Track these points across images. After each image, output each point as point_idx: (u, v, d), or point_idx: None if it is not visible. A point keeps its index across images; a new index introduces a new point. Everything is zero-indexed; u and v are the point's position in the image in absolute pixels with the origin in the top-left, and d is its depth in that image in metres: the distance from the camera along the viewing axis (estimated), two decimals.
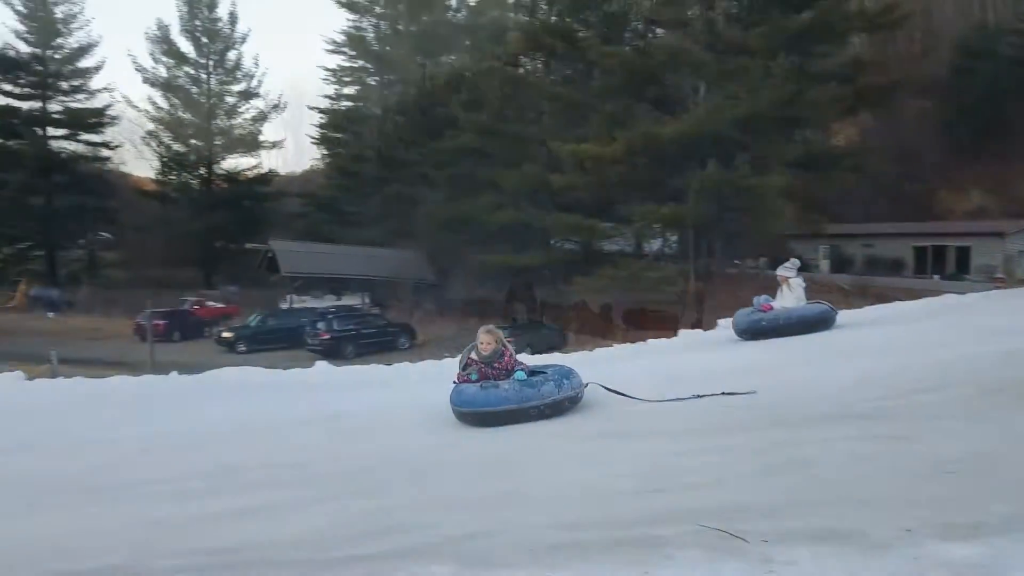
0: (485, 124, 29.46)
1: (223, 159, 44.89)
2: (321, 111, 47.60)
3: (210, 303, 34.53)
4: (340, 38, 44.72)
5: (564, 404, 5.08)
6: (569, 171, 27.03)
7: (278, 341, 26.11)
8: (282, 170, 49.58)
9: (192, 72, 42.83)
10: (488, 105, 30.24)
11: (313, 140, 49.55)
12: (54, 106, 41.40)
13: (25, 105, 40.49)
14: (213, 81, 43.27)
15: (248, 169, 45.53)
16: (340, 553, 2.96)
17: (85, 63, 41.63)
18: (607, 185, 25.55)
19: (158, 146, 43.28)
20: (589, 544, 2.57)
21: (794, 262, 8.98)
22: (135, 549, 3.26)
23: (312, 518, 3.55)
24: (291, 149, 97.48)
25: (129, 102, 43.74)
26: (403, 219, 36.25)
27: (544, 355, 13.10)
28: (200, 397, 8.61)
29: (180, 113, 43.13)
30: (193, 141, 43.41)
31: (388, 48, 42.17)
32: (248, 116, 44.84)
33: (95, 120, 41.90)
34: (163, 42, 41.92)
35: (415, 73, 37.52)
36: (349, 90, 47.40)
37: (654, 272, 23.07)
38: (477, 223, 29.68)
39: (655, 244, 32.49)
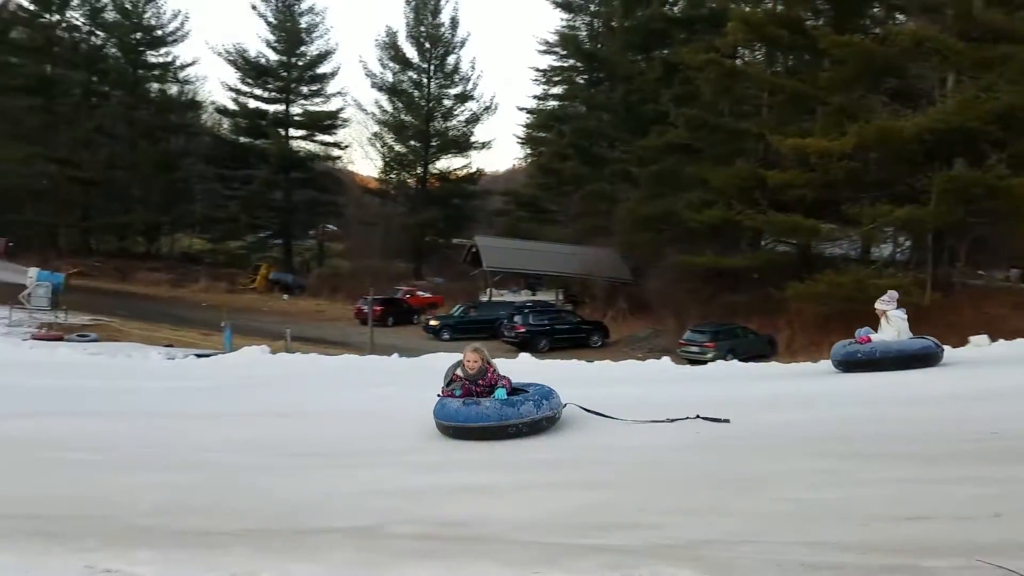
0: (697, 118, 28.52)
1: (437, 159, 48.04)
2: (528, 111, 49.12)
3: (419, 293, 37.25)
4: (552, 38, 45.75)
5: (542, 423, 5.25)
6: (788, 167, 25.33)
7: (477, 332, 27.48)
8: (487, 169, 51.94)
9: (415, 76, 46.18)
10: (701, 99, 29.29)
11: (519, 140, 51.47)
12: (295, 109, 47.20)
13: (272, 108, 46.64)
14: (433, 85, 46.36)
15: (459, 169, 48.36)
16: (572, 540, 3.04)
17: (323, 69, 46.91)
18: (832, 183, 23.54)
19: (382, 147, 47.43)
20: (850, 567, 2.40)
21: (892, 294, 8.49)
22: (377, 515, 3.59)
23: (538, 502, 3.68)
24: (496, 148, 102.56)
25: (359, 106, 48.46)
26: (601, 217, 36.34)
27: (750, 362, 12.45)
28: (419, 378, 9.29)
29: (402, 116, 46.73)
30: (412, 142, 46.91)
31: (600, 45, 42.35)
32: (462, 118, 47.46)
33: (329, 122, 47.14)
34: (391, 48, 45.73)
35: (625, 70, 37.33)
36: (557, 89, 48.34)
37: (884, 280, 20.82)
38: (679, 221, 28.89)
39: (885, 249, 29.44)
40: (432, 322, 29.99)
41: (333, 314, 35.49)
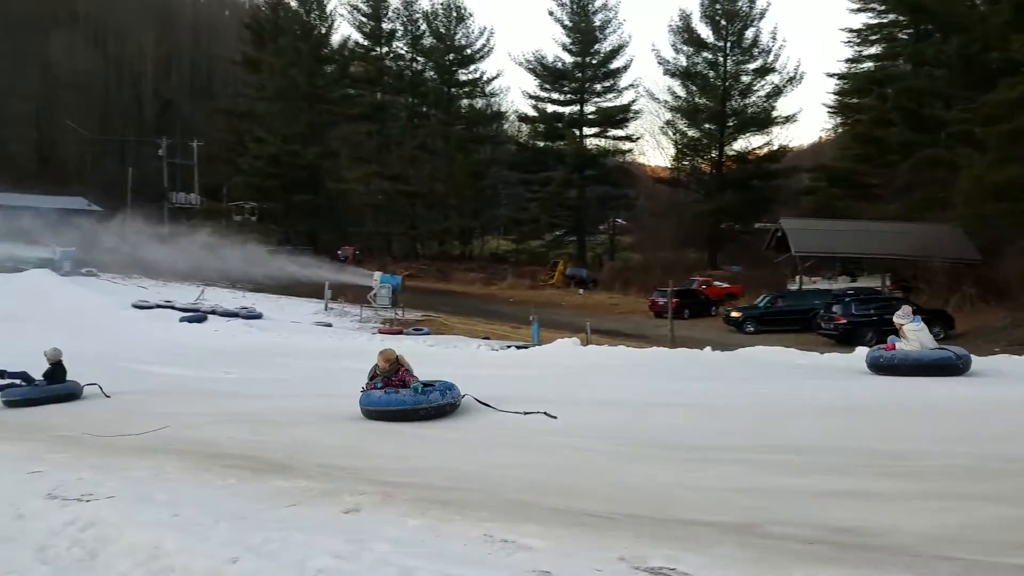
0: None
1: (734, 140, 46.11)
2: (840, 77, 44.63)
3: (716, 283, 36.08)
4: None
5: (446, 408, 6.92)
6: None
7: (786, 323, 25.59)
8: (790, 145, 48.22)
9: (710, 56, 44.88)
10: None
11: (829, 109, 46.93)
12: (589, 108, 48.90)
13: (567, 110, 48.99)
14: (729, 63, 44.61)
15: (759, 148, 45.81)
16: (991, 558, 2.64)
17: (616, 64, 47.90)
18: None
19: (674, 134, 46.94)
20: None
21: (906, 309, 9.58)
22: (746, 512, 3.50)
23: (935, 515, 3.29)
24: (799, 121, 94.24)
25: (651, 95, 48.35)
26: (936, 188, 31.48)
27: None
28: (745, 372, 9.00)
29: (696, 99, 45.78)
30: (707, 125, 45.68)
31: None
32: (762, 93, 44.90)
33: (621, 116, 48.05)
34: (684, 31, 44.98)
35: (962, 17, 31.89)
36: (874, 49, 43.12)
37: None
38: None
39: None
40: (734, 313, 28.74)
41: (627, 307, 36.01)
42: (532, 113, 50.23)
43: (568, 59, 48.12)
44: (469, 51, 50.90)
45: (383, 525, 3.59)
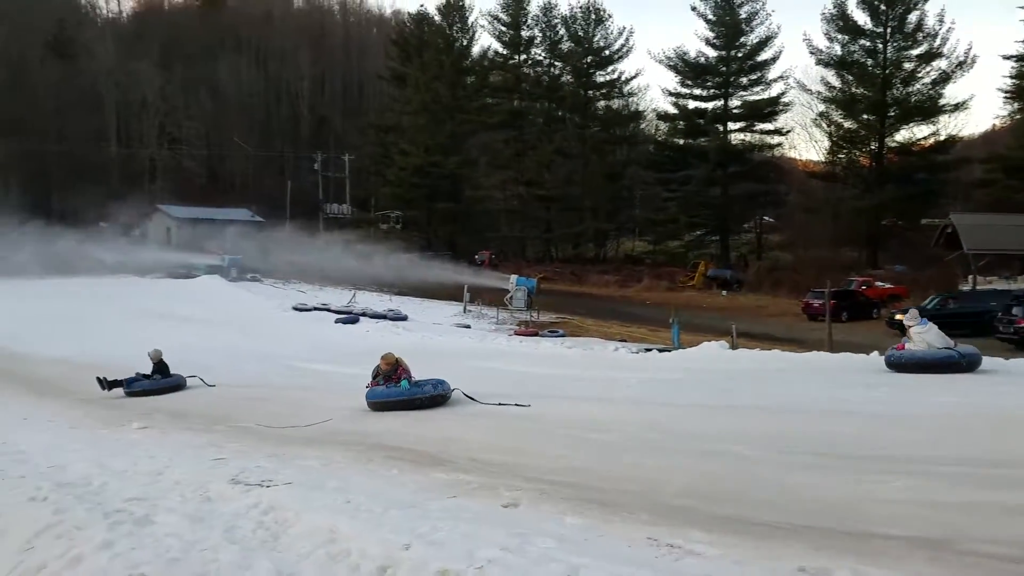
0: None
1: (896, 131, 42.63)
2: (1018, 59, 40.05)
3: (877, 283, 33.54)
4: None
5: (438, 399, 8.23)
6: None
7: (959, 327, 23.17)
8: (960, 134, 43.87)
9: (867, 44, 41.82)
10: None
11: (1005, 94, 42.23)
12: (734, 102, 46.91)
13: (710, 105, 47.26)
14: (890, 49, 41.37)
15: (924, 139, 42.02)
16: None
17: (763, 56, 45.60)
18: None
19: (828, 126, 44.01)
20: None
21: (912, 312, 10.53)
22: (936, 527, 3.23)
23: None
24: (970, 109, 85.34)
25: (802, 86, 45.63)
26: None
27: None
28: (904, 379, 8.38)
29: (853, 89, 42.81)
30: (865, 116, 42.56)
31: None
32: (927, 80, 41.18)
33: (769, 110, 45.72)
34: (839, 19, 42.18)
35: None
36: None
37: None
38: None
39: None
40: (899, 316, 26.56)
41: (775, 309, 34.23)
42: (672, 110, 49.10)
43: (712, 53, 46.58)
44: (607, 52, 50.73)
45: (543, 521, 3.62)
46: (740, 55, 45.85)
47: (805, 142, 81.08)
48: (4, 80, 47.97)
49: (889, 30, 41.14)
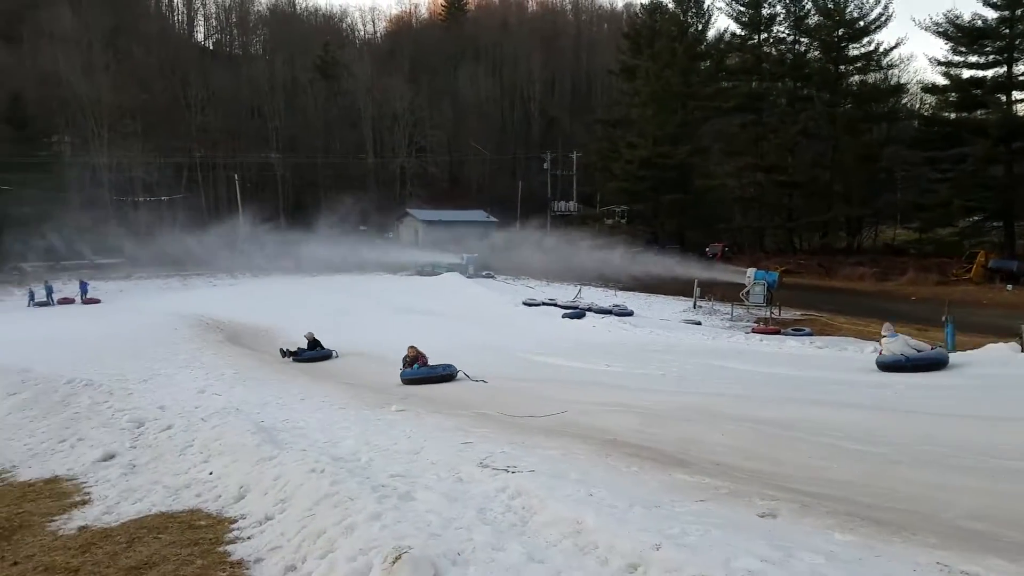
0: None
1: None
2: None
3: None
4: None
5: (449, 376, 12.26)
6: None
7: None
8: None
9: None
10: None
11: None
12: (1020, 67, 40.14)
13: (989, 73, 40.76)
14: None
15: None
16: None
17: None
18: None
19: None
20: None
21: (887, 325, 12.14)
22: None
23: None
24: None
25: None
26: None
27: None
28: None
29: None
30: None
31: None
32: None
33: None
34: None
35: None
36: None
37: None
38: None
39: None
40: None
41: None
42: (942, 81, 43.22)
43: (991, 15, 40.26)
44: (862, 23, 46.09)
45: (807, 535, 3.31)
46: None
47: None
48: (282, 102, 56.09)
49: None
